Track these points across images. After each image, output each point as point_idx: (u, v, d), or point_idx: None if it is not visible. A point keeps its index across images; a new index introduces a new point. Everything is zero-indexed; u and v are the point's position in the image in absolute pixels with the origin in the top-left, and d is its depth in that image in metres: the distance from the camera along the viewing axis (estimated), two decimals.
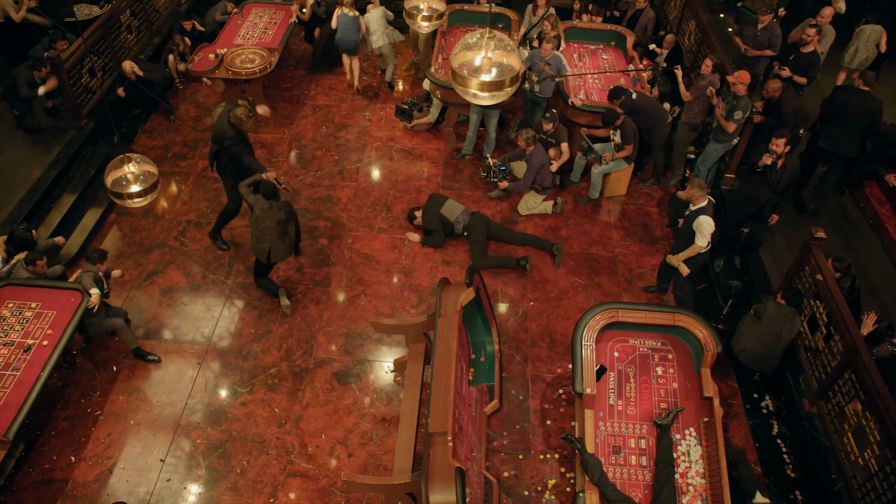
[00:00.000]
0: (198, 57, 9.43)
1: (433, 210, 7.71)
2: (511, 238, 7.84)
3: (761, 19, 8.61)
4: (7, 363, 5.82)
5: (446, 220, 7.67)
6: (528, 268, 7.54)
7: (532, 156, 7.93)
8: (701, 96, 7.99)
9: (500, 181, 8.16)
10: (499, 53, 3.32)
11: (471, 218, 7.67)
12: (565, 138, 8.34)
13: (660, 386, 5.86)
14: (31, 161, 8.25)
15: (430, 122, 9.42)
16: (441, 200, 7.76)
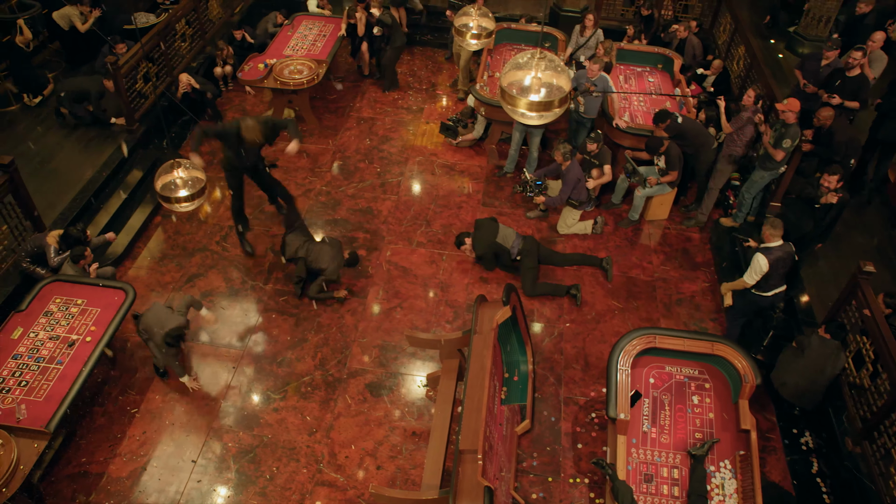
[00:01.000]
0: (247, 66, 9.64)
1: (487, 238, 7.47)
2: (559, 260, 7.75)
3: (826, 55, 8.24)
4: (52, 356, 5.96)
5: (501, 248, 7.48)
6: (580, 297, 7.40)
7: (568, 171, 7.88)
8: (742, 128, 7.77)
9: (537, 196, 8.12)
10: (549, 74, 3.33)
11: (524, 242, 7.53)
12: (609, 160, 8.29)
13: (695, 415, 5.75)
14: (83, 162, 8.49)
15: (476, 137, 9.46)
16: (494, 228, 7.52)
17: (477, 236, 7.54)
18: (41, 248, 6.83)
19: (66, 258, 6.71)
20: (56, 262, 6.76)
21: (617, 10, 11.73)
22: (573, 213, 8.18)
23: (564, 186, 7.96)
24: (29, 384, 5.75)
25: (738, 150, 7.86)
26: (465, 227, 8.28)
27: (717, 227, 8.25)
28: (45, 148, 8.66)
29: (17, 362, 5.91)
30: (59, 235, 6.85)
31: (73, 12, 9.83)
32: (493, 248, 7.47)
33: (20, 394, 5.67)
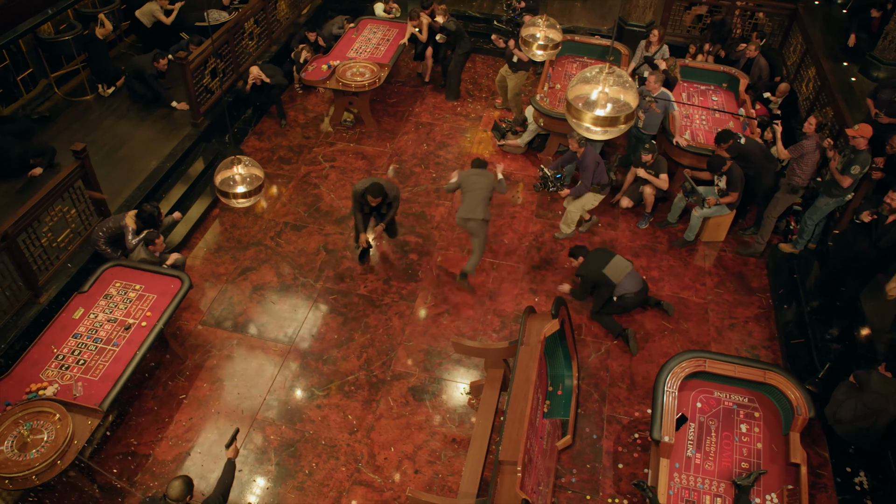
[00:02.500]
0: (311, 67, 9.82)
1: (595, 265, 7.01)
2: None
3: None
4: (109, 338, 6.16)
5: (606, 281, 6.95)
6: (633, 344, 7.05)
7: (585, 156, 7.72)
8: (803, 157, 7.40)
9: (560, 190, 7.97)
10: (616, 89, 3.30)
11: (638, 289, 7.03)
12: (664, 169, 8.15)
13: (743, 444, 5.60)
14: (149, 153, 8.76)
15: (519, 146, 9.44)
16: (606, 258, 7.05)
17: (588, 258, 7.12)
18: (120, 228, 7.04)
19: (142, 239, 6.92)
20: (133, 244, 6.98)
21: (683, 27, 11.56)
22: (596, 198, 7.98)
23: (585, 172, 7.74)
24: (86, 363, 5.95)
25: (800, 181, 7.54)
26: (517, 237, 8.26)
27: (775, 253, 8.03)
28: (114, 137, 8.97)
29: (77, 341, 6.12)
30: (135, 215, 7.07)
31: (155, 7, 10.18)
32: (596, 277, 6.99)
33: (78, 371, 5.88)
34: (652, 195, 8.28)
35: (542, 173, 7.98)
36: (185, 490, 4.53)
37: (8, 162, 7.91)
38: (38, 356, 5.98)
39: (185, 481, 4.54)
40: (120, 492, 5.83)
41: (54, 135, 8.89)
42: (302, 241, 8.15)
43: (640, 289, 7.05)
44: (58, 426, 5.34)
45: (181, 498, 4.50)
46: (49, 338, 6.13)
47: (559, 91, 9.52)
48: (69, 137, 8.78)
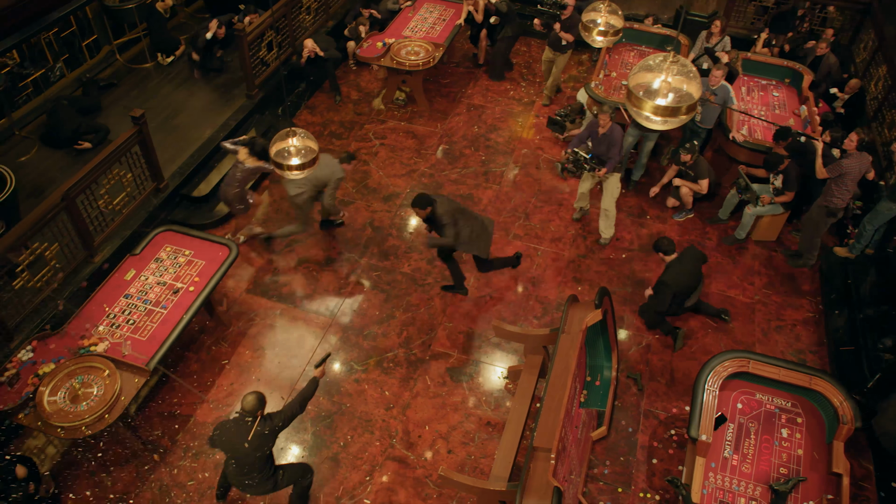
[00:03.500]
0: (366, 43, 9.84)
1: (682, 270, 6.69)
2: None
3: None
4: (158, 300, 6.33)
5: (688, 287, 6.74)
6: (678, 343, 6.91)
7: (613, 130, 7.44)
8: (842, 177, 6.91)
9: (599, 169, 7.55)
10: (679, 79, 3.22)
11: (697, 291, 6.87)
12: (706, 174, 7.94)
13: (783, 449, 5.49)
14: (204, 122, 8.91)
15: None
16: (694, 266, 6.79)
17: (679, 258, 6.76)
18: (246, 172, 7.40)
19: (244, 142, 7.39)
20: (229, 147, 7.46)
21: (747, 18, 11.22)
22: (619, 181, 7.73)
23: (614, 147, 7.44)
24: (135, 323, 6.13)
25: (839, 202, 7.06)
26: (564, 225, 8.19)
27: (829, 257, 7.80)
28: (171, 105, 9.15)
29: (128, 302, 6.30)
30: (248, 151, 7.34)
31: None
32: (680, 285, 6.68)
33: (127, 331, 6.06)
34: (689, 195, 8.09)
35: (573, 156, 7.69)
36: (258, 404, 4.80)
37: (60, 132, 8.16)
38: (91, 313, 6.18)
39: (258, 396, 4.82)
40: (161, 448, 6.01)
41: (115, 100, 9.12)
42: (349, 216, 8.21)
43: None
44: (107, 381, 5.52)
45: (254, 411, 4.78)
46: (102, 297, 6.32)
47: (614, 79, 9.36)
48: (128, 104, 9.00)
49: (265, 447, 4.89)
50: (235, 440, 4.81)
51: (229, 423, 4.88)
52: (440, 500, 5.73)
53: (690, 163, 7.89)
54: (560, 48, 9.51)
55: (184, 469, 5.89)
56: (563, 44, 9.42)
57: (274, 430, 4.88)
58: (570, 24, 9.24)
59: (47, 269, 6.54)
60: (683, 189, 8.05)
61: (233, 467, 4.99)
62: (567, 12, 9.23)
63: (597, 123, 7.48)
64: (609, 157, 7.48)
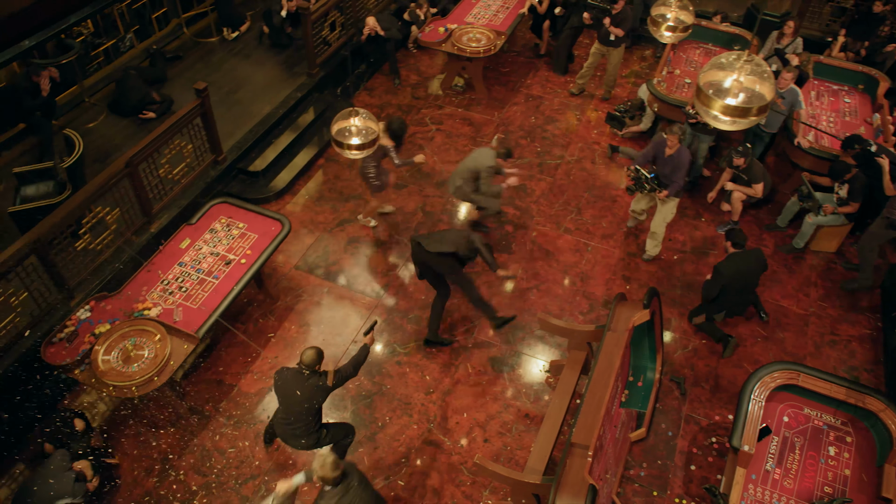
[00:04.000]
0: (428, 28, 9.83)
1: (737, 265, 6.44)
2: None
3: None
4: (210, 270, 6.48)
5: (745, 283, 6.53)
6: (728, 351, 6.75)
7: (681, 153, 7.01)
8: None
9: (660, 191, 7.19)
10: (752, 79, 3.12)
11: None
12: (760, 178, 7.67)
13: (829, 468, 5.34)
14: (264, 98, 9.05)
15: (642, 130, 9.16)
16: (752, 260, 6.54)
17: (743, 253, 6.49)
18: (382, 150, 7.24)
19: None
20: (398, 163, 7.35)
21: (823, 20, 10.82)
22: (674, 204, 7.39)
23: (680, 170, 7.02)
24: (188, 291, 6.29)
25: None
26: (617, 222, 8.08)
27: (892, 272, 7.50)
28: (233, 80, 9.31)
29: (181, 269, 6.47)
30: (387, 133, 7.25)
31: None
32: (733, 279, 6.40)
33: (179, 298, 6.22)
34: (740, 200, 7.86)
35: (635, 174, 7.32)
36: (317, 358, 5.04)
37: (127, 101, 8.39)
38: (147, 279, 6.36)
39: (316, 351, 5.05)
40: (205, 414, 6.17)
41: (179, 72, 9.33)
42: (401, 199, 8.25)
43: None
44: (157, 345, 5.69)
45: (311, 365, 5.01)
46: (157, 263, 6.50)
47: (678, 77, 9.16)
48: (193, 76, 9.19)
49: (315, 401, 5.08)
50: (289, 389, 5.06)
51: (288, 372, 5.12)
52: (473, 488, 5.76)
53: (744, 166, 7.64)
54: (610, 43, 9.31)
55: (225, 436, 6.04)
56: (612, 38, 9.22)
57: (326, 388, 5.09)
58: (620, 18, 9.02)
59: (107, 233, 6.75)
60: (735, 193, 7.82)
61: (281, 415, 5.23)
62: (618, 6, 8.99)
63: (664, 142, 7.08)
64: (672, 180, 7.09)
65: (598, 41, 9.44)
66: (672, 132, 6.96)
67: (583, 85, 10.00)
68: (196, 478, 5.78)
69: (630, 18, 9.10)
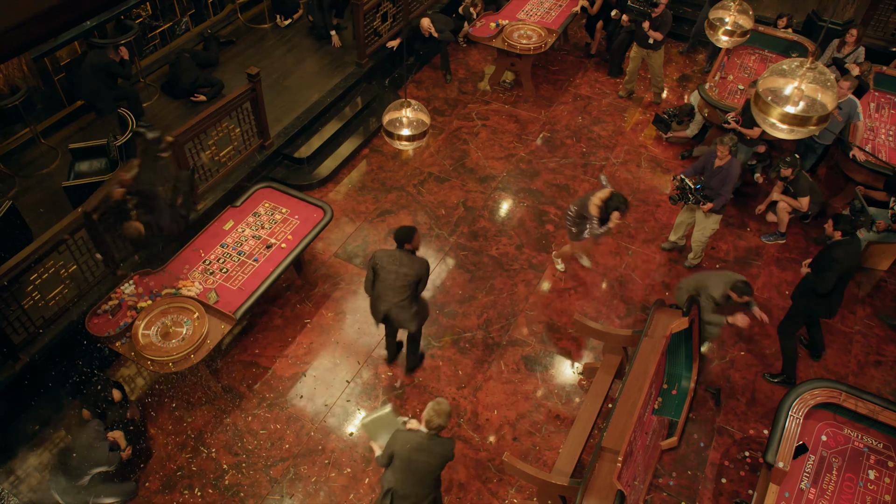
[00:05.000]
0: (479, 23, 9.80)
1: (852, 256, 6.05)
2: None
3: None
4: (251, 253, 6.57)
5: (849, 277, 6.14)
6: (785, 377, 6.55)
7: (731, 165, 6.81)
8: None
9: (704, 203, 6.99)
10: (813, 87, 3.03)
11: None
12: (807, 191, 7.46)
13: (868, 492, 5.18)
14: (313, 86, 9.13)
15: (688, 136, 9.00)
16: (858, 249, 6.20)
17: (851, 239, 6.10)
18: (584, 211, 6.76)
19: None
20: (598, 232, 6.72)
21: (889, 29, 10.47)
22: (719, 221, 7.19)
23: (728, 184, 6.82)
24: (228, 272, 6.39)
25: None
26: (659, 227, 7.96)
27: None
28: (284, 66, 9.41)
29: (224, 251, 6.58)
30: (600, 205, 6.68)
31: None
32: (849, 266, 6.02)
33: (220, 278, 6.33)
34: (786, 212, 7.65)
35: (680, 184, 7.15)
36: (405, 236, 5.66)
37: (179, 83, 8.55)
38: (189, 257, 6.48)
39: (408, 228, 5.68)
40: (239, 395, 6.27)
41: (231, 57, 9.47)
42: (443, 193, 8.26)
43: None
44: (196, 324, 5.80)
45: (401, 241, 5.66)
46: (200, 243, 6.62)
47: (730, 82, 8.97)
48: (244, 61, 9.31)
49: (409, 278, 5.65)
50: (387, 263, 5.67)
51: (386, 251, 5.74)
52: (500, 486, 5.75)
53: (791, 177, 7.45)
54: (649, 46, 9.15)
55: (258, 418, 6.13)
56: (651, 42, 9.06)
57: (419, 270, 5.68)
58: (660, 22, 8.85)
59: None
60: (781, 204, 7.63)
61: (381, 290, 5.77)
62: (658, 10, 8.80)
63: (714, 154, 6.88)
64: (720, 193, 6.87)
65: (637, 44, 9.29)
66: (723, 143, 6.77)
67: (630, 89, 9.87)
68: (227, 456, 5.88)
69: (669, 22, 8.93)
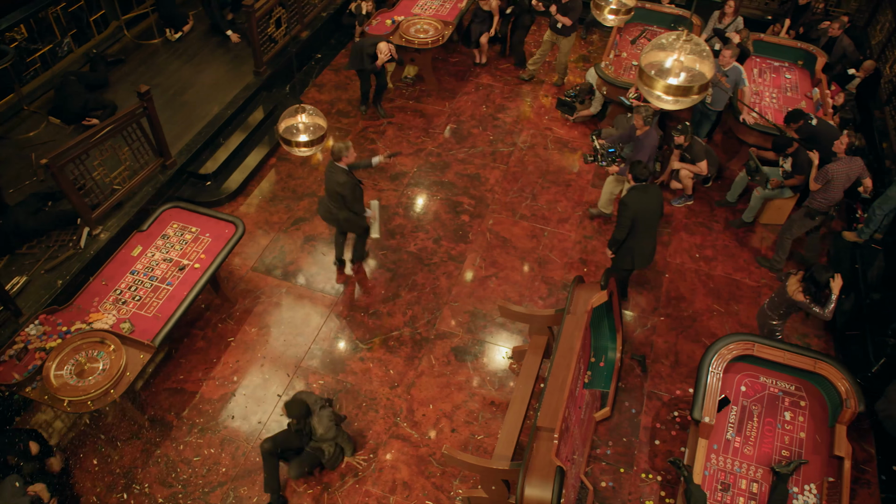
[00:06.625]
0: (375, 21, 9.75)
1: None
2: None
3: None
4: (164, 277, 6.35)
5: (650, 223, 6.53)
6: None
7: (647, 136, 7.12)
8: (829, 183, 6.68)
9: (610, 165, 7.43)
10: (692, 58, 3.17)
11: None
12: (703, 155, 7.85)
13: (785, 432, 5.50)
14: (212, 99, 8.88)
15: (592, 113, 9.25)
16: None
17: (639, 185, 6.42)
18: None
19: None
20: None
21: None
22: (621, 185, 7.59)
23: (641, 152, 7.08)
24: (142, 299, 6.16)
25: (819, 205, 6.85)
26: (571, 206, 8.16)
27: (837, 241, 7.75)
28: (179, 81, 9.12)
29: (134, 278, 6.33)
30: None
31: None
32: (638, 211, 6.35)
33: (133, 307, 6.09)
34: (689, 178, 8.02)
35: (594, 144, 7.51)
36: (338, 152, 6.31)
37: (69, 107, 8.14)
38: (98, 289, 6.21)
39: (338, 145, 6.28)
40: (168, 424, 6.07)
41: (122, 77, 9.10)
42: None
43: None
44: (112, 357, 5.57)
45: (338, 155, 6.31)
46: (108, 273, 6.35)
47: (625, 59, 9.27)
48: (136, 80, 8.97)
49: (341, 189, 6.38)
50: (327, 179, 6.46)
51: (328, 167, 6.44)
52: (443, 479, 5.78)
53: (685, 144, 7.81)
54: (558, 31, 9.37)
55: (190, 445, 5.95)
56: (560, 27, 9.28)
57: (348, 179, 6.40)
58: (568, 7, 9.06)
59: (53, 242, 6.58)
60: (683, 171, 7.98)
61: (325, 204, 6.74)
62: None
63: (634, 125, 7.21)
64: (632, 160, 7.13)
65: (550, 29, 9.48)
66: (638, 112, 7.07)
67: (533, 71, 10.05)
68: (162, 490, 5.68)
69: (579, 8, 9.13)
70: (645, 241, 6.54)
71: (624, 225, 6.35)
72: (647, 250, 6.62)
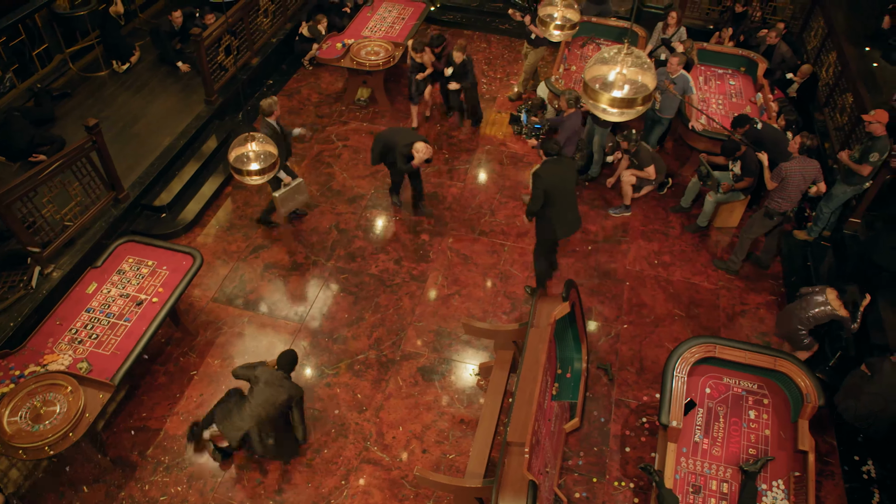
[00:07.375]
0: (325, 45, 9.77)
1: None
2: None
3: None
4: (121, 313, 6.21)
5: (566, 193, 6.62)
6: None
7: (571, 118, 7.56)
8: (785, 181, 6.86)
9: (530, 138, 7.82)
10: (634, 70, 3.25)
11: None
12: (650, 161, 8.05)
13: (751, 430, 5.59)
14: (163, 129, 8.76)
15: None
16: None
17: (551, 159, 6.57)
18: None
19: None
20: None
21: (702, 9, 11.40)
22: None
23: (562, 132, 7.61)
24: (99, 337, 6.01)
25: (778, 206, 7.05)
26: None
27: (788, 240, 7.96)
28: (129, 113, 8.98)
29: (90, 315, 6.18)
30: None
31: None
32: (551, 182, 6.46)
33: (90, 345, 5.94)
34: (629, 185, 8.17)
35: (520, 115, 7.75)
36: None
37: (14, 144, 7.94)
38: (52, 329, 6.04)
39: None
40: (132, 464, 5.90)
41: (69, 110, 8.92)
42: (314, 219, 8.15)
43: None
44: (70, 399, 5.40)
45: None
46: (62, 312, 6.18)
47: (574, 73, 9.44)
48: (83, 113, 8.81)
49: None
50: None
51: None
52: (417, 501, 5.73)
53: (632, 150, 7.99)
54: (531, 42, 9.53)
55: (155, 484, 5.79)
56: (533, 37, 9.43)
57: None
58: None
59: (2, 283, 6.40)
60: (624, 177, 8.12)
61: None
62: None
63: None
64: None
65: (526, 40, 9.65)
66: (563, 95, 7.47)
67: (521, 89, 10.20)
68: None
69: None
70: (564, 210, 6.64)
71: (538, 196, 6.47)
72: (567, 219, 6.71)
